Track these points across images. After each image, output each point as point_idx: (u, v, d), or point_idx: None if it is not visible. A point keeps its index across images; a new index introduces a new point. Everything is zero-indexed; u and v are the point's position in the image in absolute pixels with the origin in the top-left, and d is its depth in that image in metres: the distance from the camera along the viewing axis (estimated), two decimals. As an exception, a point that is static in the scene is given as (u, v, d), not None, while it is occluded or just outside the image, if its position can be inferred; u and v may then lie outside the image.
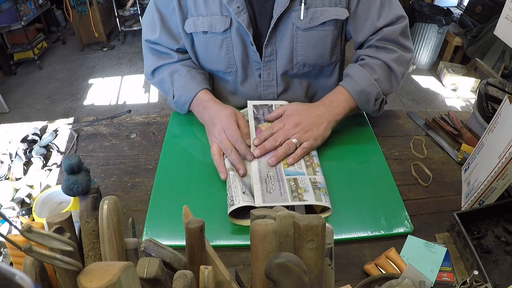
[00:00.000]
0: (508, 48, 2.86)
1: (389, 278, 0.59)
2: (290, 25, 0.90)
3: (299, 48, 0.93)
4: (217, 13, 0.89)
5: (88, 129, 1.00)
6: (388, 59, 0.91)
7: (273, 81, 1.00)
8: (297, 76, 1.01)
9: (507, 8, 1.19)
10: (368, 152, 0.89)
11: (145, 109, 2.98)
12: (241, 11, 0.87)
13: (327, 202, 0.71)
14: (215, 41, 0.93)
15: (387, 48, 0.92)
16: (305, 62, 0.96)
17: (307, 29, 0.90)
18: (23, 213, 0.75)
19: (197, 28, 0.91)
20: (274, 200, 0.70)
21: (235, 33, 0.91)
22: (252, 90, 1.02)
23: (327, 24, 0.90)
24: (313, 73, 1.02)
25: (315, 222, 0.38)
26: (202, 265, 0.40)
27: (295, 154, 0.80)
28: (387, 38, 0.92)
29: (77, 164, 0.44)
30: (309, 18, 0.89)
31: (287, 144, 0.80)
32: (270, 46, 0.93)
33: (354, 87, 0.89)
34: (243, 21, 0.88)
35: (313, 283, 0.40)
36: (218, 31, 0.91)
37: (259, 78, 1.00)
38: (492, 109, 0.94)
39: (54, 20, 4.18)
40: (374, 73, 0.90)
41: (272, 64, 0.97)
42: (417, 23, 3.38)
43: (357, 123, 0.98)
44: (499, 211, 0.74)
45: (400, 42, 0.93)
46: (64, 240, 0.30)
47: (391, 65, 0.91)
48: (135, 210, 0.77)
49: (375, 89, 0.89)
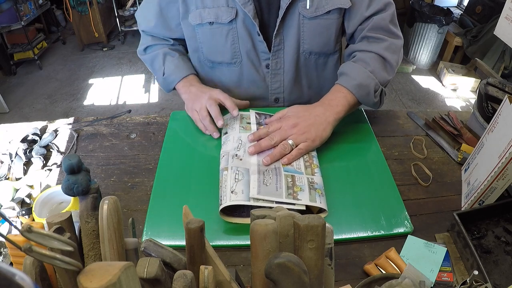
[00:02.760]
0: (508, 48, 2.86)
1: (389, 278, 0.59)
2: (297, 15, 0.92)
3: (305, 36, 0.96)
4: (223, 5, 0.91)
5: (88, 129, 1.00)
6: (379, 50, 0.92)
7: (280, 70, 1.01)
8: (303, 65, 1.03)
9: (507, 8, 1.19)
10: (368, 152, 0.89)
11: (145, 109, 2.98)
12: (247, 2, 0.89)
13: (322, 204, 0.71)
14: (221, 31, 0.94)
15: (378, 39, 0.93)
16: (311, 50, 0.99)
17: (313, 18, 0.93)
18: (23, 213, 0.75)
19: (203, 20, 0.93)
20: (269, 194, 0.70)
21: (241, 23, 0.93)
22: (260, 80, 1.03)
23: (332, 12, 0.93)
24: (318, 62, 1.04)
25: (315, 222, 0.38)
26: (202, 265, 0.40)
27: (291, 155, 0.80)
28: (377, 26, 0.93)
29: (77, 164, 0.44)
30: (315, 7, 0.91)
31: (282, 145, 0.80)
32: (278, 36, 0.95)
33: (351, 82, 0.89)
34: (249, 11, 0.89)
35: (313, 283, 0.40)
36: (224, 21, 0.92)
37: (266, 68, 1.01)
38: (492, 109, 0.94)
39: (54, 20, 4.18)
40: (368, 66, 0.90)
41: (280, 53, 0.99)
42: (417, 23, 3.38)
43: (357, 123, 0.98)
44: (499, 211, 0.74)
45: (390, 30, 0.95)
46: (64, 240, 0.30)
47: (383, 55, 0.92)
48: (135, 210, 0.77)
49: (372, 81, 0.89)
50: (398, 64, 0.96)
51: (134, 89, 3.28)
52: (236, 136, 0.85)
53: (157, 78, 1.06)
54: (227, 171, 0.76)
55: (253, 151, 0.80)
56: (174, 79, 1.01)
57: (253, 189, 0.70)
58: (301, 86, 1.07)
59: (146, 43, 1.06)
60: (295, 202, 0.70)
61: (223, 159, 0.80)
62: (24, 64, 3.63)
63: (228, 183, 0.73)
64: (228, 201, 0.69)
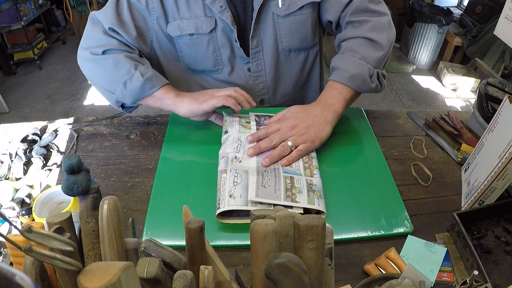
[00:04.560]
0: (508, 48, 2.86)
1: (389, 278, 0.59)
2: (270, 15, 0.94)
3: (282, 34, 0.97)
4: (201, 15, 0.91)
5: (88, 129, 1.00)
6: (364, 32, 0.91)
7: (262, 71, 1.02)
8: (284, 63, 1.03)
9: (507, 8, 1.19)
10: (368, 152, 0.89)
11: (145, 109, 2.97)
12: (224, 10, 0.90)
13: (320, 206, 0.71)
14: (202, 41, 0.95)
15: (361, 22, 0.92)
16: (290, 47, 1.00)
17: (287, 16, 0.94)
18: (23, 213, 0.75)
19: (183, 31, 0.93)
20: (267, 196, 0.70)
21: (221, 32, 0.93)
22: (243, 83, 1.03)
23: (305, 8, 0.94)
24: (300, 58, 1.04)
25: (315, 222, 0.38)
26: (202, 265, 0.40)
27: (290, 156, 0.80)
28: (358, 9, 0.93)
29: (77, 164, 0.44)
30: (287, 5, 0.93)
31: (282, 146, 0.80)
32: (255, 38, 0.96)
33: (343, 75, 0.88)
34: (227, 18, 0.90)
35: (313, 283, 0.40)
36: (205, 32, 0.93)
37: (248, 72, 1.02)
38: (492, 109, 0.94)
39: (54, 20, 4.18)
40: (357, 54, 0.89)
41: (259, 55, 0.99)
42: (417, 23, 3.38)
43: (357, 123, 0.98)
44: (499, 211, 0.74)
45: (372, 9, 0.93)
46: (64, 240, 0.30)
47: (369, 36, 0.90)
48: (135, 210, 0.77)
49: (365, 67, 0.87)
50: (389, 40, 0.92)
51: (134, 89, 3.28)
52: (236, 136, 0.85)
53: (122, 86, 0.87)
54: (225, 173, 0.76)
55: (253, 153, 0.80)
56: (156, 84, 0.87)
57: (251, 191, 0.70)
58: (285, 85, 1.07)
59: (106, 45, 0.89)
60: (293, 205, 0.70)
61: (222, 160, 0.80)
62: (24, 64, 3.63)
63: (226, 186, 0.73)
64: (226, 206, 0.69)
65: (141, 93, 0.88)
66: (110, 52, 0.90)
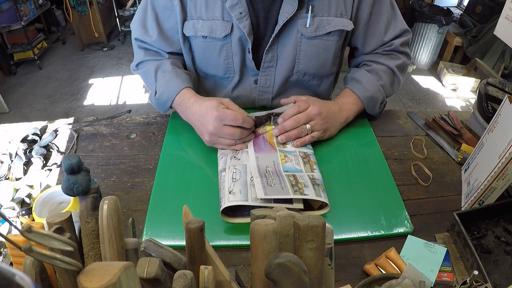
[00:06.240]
0: (508, 48, 2.86)
1: (389, 278, 0.59)
2: (295, 33, 0.88)
3: (301, 56, 0.92)
4: (218, 18, 0.87)
5: (88, 129, 1.00)
6: (393, 65, 0.96)
7: (269, 88, 0.98)
8: (294, 85, 1.00)
9: (507, 8, 1.19)
10: (368, 152, 0.89)
11: (145, 109, 2.98)
12: (243, 17, 0.85)
13: (325, 198, 0.72)
14: (215, 46, 0.91)
15: (391, 55, 0.97)
16: (306, 70, 0.96)
17: (312, 38, 0.89)
18: (23, 213, 0.75)
19: (197, 32, 0.89)
20: (276, 193, 0.70)
21: (236, 39, 0.89)
22: (246, 95, 1.01)
23: (332, 34, 0.90)
24: (312, 83, 1.01)
25: (315, 222, 0.38)
26: (202, 265, 0.40)
27: (303, 139, 0.84)
28: (395, 49, 0.97)
29: (77, 164, 0.44)
30: (315, 26, 0.88)
31: (300, 128, 0.83)
32: (271, 52, 0.91)
33: (364, 93, 0.93)
34: (244, 27, 0.86)
35: (313, 283, 0.40)
36: (219, 36, 0.89)
37: (254, 84, 0.98)
38: (492, 109, 0.94)
39: (54, 20, 4.18)
40: (380, 79, 0.94)
41: (271, 71, 0.95)
42: (417, 23, 3.38)
43: (357, 123, 0.97)
44: (499, 211, 0.74)
45: (403, 51, 0.98)
46: (64, 240, 0.30)
47: (395, 71, 0.96)
48: (135, 210, 0.77)
49: (381, 95, 0.94)
50: (400, 83, 1.01)
51: (134, 89, 3.28)
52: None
53: (150, 98, 0.96)
54: (225, 171, 0.77)
55: (278, 133, 0.83)
56: (167, 99, 0.90)
57: (259, 191, 0.70)
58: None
59: (139, 59, 0.98)
60: (303, 198, 0.71)
61: (221, 160, 0.81)
62: (24, 64, 3.63)
63: (226, 183, 0.73)
64: (226, 202, 0.70)
65: (163, 107, 0.94)
66: (140, 66, 0.99)
